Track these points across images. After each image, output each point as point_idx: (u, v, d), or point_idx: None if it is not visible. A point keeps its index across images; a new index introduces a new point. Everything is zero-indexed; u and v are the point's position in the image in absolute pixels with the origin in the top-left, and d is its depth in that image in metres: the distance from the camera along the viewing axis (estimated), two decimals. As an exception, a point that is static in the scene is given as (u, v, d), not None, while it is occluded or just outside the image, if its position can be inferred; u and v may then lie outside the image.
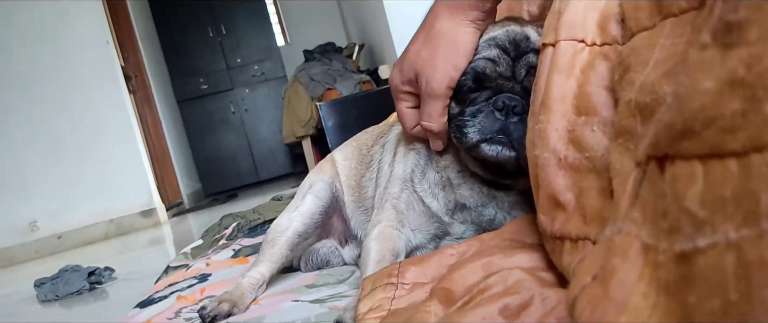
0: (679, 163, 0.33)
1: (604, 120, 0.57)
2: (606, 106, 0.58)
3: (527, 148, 0.66)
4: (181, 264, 1.62)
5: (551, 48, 0.64)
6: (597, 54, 0.60)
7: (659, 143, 0.35)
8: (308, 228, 1.16)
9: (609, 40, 0.60)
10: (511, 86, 0.84)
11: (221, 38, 8.17)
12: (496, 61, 0.84)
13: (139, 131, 5.65)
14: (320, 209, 1.18)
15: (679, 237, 0.32)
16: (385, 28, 4.18)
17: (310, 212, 1.17)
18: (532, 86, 0.68)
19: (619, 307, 0.34)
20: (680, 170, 0.33)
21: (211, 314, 0.96)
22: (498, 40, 0.85)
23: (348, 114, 3.02)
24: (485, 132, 0.82)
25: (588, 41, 0.61)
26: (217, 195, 7.58)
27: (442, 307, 0.64)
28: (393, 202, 0.97)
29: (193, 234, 3.77)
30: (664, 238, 0.33)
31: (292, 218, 1.16)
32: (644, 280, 0.34)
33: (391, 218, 0.96)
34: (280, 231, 1.14)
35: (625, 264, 0.36)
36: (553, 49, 0.63)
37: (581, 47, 0.61)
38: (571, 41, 0.62)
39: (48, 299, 2.58)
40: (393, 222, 0.96)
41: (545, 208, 0.63)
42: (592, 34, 0.61)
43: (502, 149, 0.82)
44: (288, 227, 1.14)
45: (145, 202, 5.39)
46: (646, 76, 0.46)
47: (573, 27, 0.62)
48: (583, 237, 0.56)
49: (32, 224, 5.07)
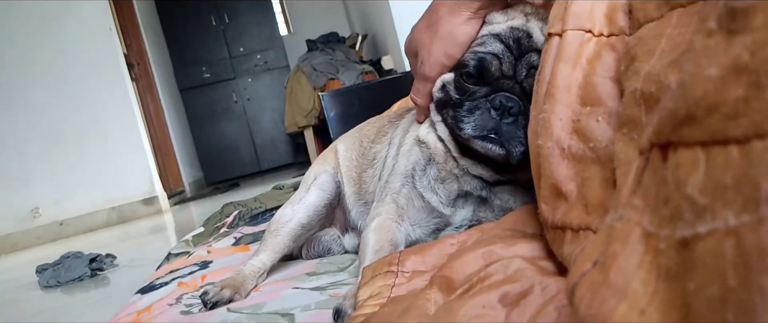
0: (682, 150, 0.33)
1: (610, 111, 0.57)
2: (611, 96, 0.58)
3: (529, 137, 0.66)
4: (182, 251, 1.63)
5: (557, 38, 0.63)
6: (604, 45, 0.60)
7: (662, 130, 0.35)
8: (312, 221, 1.17)
9: (616, 31, 0.59)
10: (510, 85, 0.86)
11: (224, 27, 8.15)
12: (501, 57, 0.86)
13: (141, 119, 5.65)
14: (324, 202, 1.19)
15: (681, 224, 0.31)
16: (388, 19, 4.16)
17: (314, 205, 1.17)
18: (536, 76, 0.68)
19: (619, 293, 0.34)
20: (683, 157, 0.33)
21: (213, 299, 0.97)
22: (502, 37, 0.87)
23: (350, 104, 3.02)
24: (479, 129, 0.86)
25: (595, 32, 0.60)
26: (219, 184, 7.59)
27: (442, 295, 0.64)
28: (393, 196, 0.98)
29: (195, 223, 3.78)
30: (666, 225, 0.33)
31: (296, 210, 1.16)
32: (644, 267, 0.34)
33: (390, 211, 0.97)
34: (283, 222, 1.14)
35: (625, 250, 0.36)
36: (560, 39, 0.63)
37: (588, 38, 0.61)
38: (578, 31, 0.61)
39: (49, 285, 2.59)
40: (392, 215, 0.96)
41: (547, 198, 0.63)
42: (599, 25, 0.60)
43: (493, 146, 0.86)
44: (291, 218, 1.15)
45: (146, 190, 5.40)
46: (651, 65, 0.46)
47: (580, 17, 0.62)
48: (584, 227, 0.56)
49: (34, 211, 5.09)
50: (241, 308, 0.93)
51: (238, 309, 0.93)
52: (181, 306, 1.03)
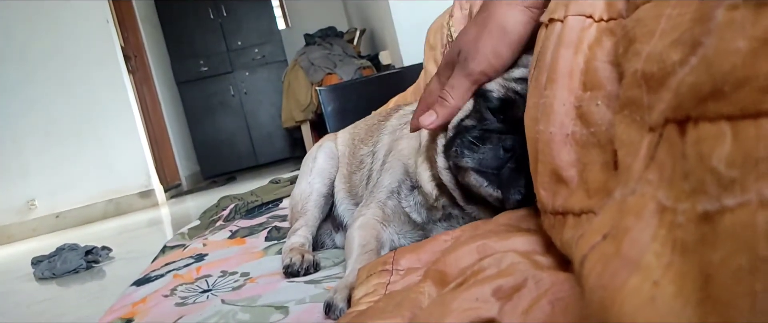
0: (704, 124, 0.33)
1: (609, 94, 0.57)
2: (610, 80, 0.58)
3: (527, 124, 0.66)
4: (178, 244, 1.63)
5: (559, 23, 0.63)
6: (603, 30, 0.60)
7: (681, 105, 0.35)
8: (329, 188, 1.18)
9: (615, 15, 0.60)
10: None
11: (222, 20, 8.12)
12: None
13: (138, 111, 5.64)
14: (334, 166, 1.20)
15: (703, 198, 0.31)
16: (386, 14, 4.16)
17: (327, 170, 1.19)
18: (532, 62, 0.68)
19: (631, 265, 0.34)
20: (705, 131, 0.32)
21: (304, 266, 0.98)
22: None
23: (348, 99, 3.02)
24: (482, 164, 0.81)
25: (595, 17, 0.60)
26: (216, 178, 7.58)
27: (435, 288, 0.64)
28: (380, 204, 0.98)
29: (191, 216, 3.78)
30: (685, 199, 0.33)
31: (312, 181, 1.17)
32: (659, 240, 0.34)
33: (377, 215, 0.97)
34: (305, 197, 1.16)
35: (638, 224, 0.35)
36: (561, 25, 0.63)
37: (589, 23, 0.61)
38: (579, 17, 0.61)
39: (45, 277, 2.59)
40: (378, 218, 0.97)
41: (546, 184, 0.62)
42: (599, 10, 0.60)
43: (490, 185, 0.81)
44: (311, 192, 1.16)
45: (143, 183, 5.39)
46: (652, 46, 0.45)
47: (582, 3, 0.62)
48: (587, 211, 0.56)
49: (30, 203, 5.08)
50: (236, 300, 0.93)
51: (232, 301, 0.93)
52: (176, 297, 1.03)
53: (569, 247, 0.56)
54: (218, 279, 1.10)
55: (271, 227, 1.50)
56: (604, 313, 0.34)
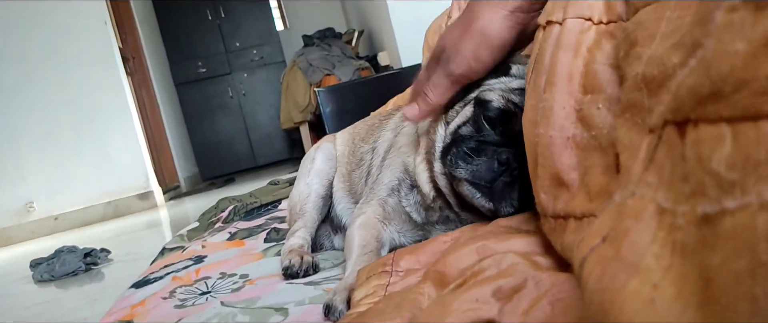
0: (704, 126, 0.32)
1: (609, 97, 0.57)
2: (611, 83, 0.58)
3: (526, 127, 0.66)
4: (176, 246, 1.63)
5: (558, 26, 0.63)
6: (603, 32, 0.60)
7: (680, 107, 0.35)
8: (327, 190, 1.18)
9: (614, 18, 0.59)
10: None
11: (220, 21, 8.12)
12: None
13: (136, 113, 5.63)
14: (331, 167, 1.20)
15: (703, 200, 0.31)
16: (385, 15, 4.16)
17: (324, 171, 1.19)
18: (530, 64, 0.68)
19: (631, 268, 0.34)
20: (705, 133, 0.32)
21: (303, 267, 0.98)
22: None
23: (346, 100, 3.02)
24: (475, 176, 0.82)
25: (595, 20, 0.60)
26: (214, 179, 7.57)
27: (435, 289, 0.64)
28: (380, 202, 0.98)
29: (190, 218, 3.78)
30: (684, 201, 0.33)
31: (310, 183, 1.17)
32: (658, 242, 0.34)
33: (377, 213, 0.97)
34: (303, 198, 1.16)
35: (637, 226, 0.35)
36: (560, 28, 0.63)
37: (588, 26, 0.60)
38: (578, 19, 0.61)
39: (43, 279, 2.58)
40: (379, 216, 0.97)
41: (547, 187, 0.62)
42: (598, 13, 0.60)
43: (482, 197, 0.82)
44: (309, 193, 1.16)
45: (141, 185, 5.39)
46: (653, 49, 0.45)
47: (580, 5, 0.62)
48: (588, 214, 0.56)
49: (28, 205, 5.07)
50: (235, 302, 0.93)
51: (232, 303, 0.93)
52: (175, 300, 1.03)
53: (570, 251, 0.56)
54: (217, 281, 1.09)
55: (270, 228, 1.50)
56: (603, 316, 0.34)
